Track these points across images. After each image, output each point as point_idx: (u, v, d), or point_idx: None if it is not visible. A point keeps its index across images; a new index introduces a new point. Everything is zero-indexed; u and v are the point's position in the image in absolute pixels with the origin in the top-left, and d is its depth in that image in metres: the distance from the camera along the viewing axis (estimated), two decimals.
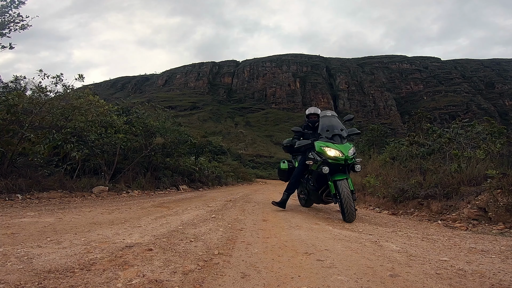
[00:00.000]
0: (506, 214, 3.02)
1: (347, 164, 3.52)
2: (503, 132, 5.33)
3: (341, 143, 3.61)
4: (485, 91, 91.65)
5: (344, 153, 3.47)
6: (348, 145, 3.62)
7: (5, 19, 5.04)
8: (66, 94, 5.40)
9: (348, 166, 3.54)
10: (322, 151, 3.56)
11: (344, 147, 3.55)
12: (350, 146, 3.60)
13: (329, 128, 3.74)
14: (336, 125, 3.79)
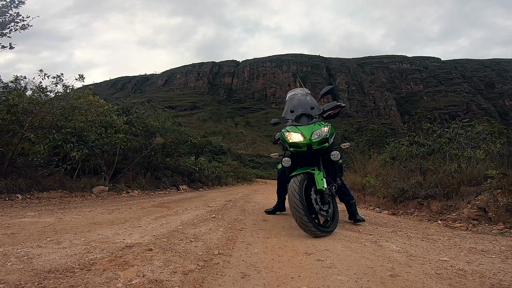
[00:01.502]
0: (506, 214, 3.02)
1: (318, 151, 2.58)
2: (503, 132, 5.33)
3: (308, 124, 2.69)
4: (485, 91, 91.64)
5: (306, 135, 2.53)
6: (316, 125, 2.62)
7: (6, 19, 5.04)
8: (66, 94, 5.40)
9: (319, 154, 2.60)
10: (284, 139, 2.70)
11: (307, 128, 2.60)
12: (319, 126, 2.60)
13: (294, 109, 2.88)
14: (304, 103, 2.88)
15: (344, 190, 3.18)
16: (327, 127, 2.61)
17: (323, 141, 2.56)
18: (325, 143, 2.57)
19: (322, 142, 2.56)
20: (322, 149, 2.58)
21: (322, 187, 2.39)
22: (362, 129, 21.26)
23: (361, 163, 8.56)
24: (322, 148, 2.57)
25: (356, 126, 23.53)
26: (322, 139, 2.55)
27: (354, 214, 3.22)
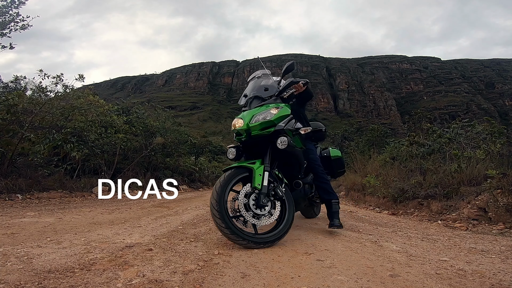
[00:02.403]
0: (506, 214, 3.02)
1: (265, 139, 2.13)
2: (503, 132, 5.33)
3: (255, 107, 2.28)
4: (485, 91, 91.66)
5: (245, 120, 2.15)
6: (263, 107, 2.21)
7: (6, 19, 5.04)
8: (66, 94, 5.40)
9: (267, 143, 2.14)
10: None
11: (251, 112, 2.21)
12: (265, 109, 2.18)
13: (248, 92, 2.51)
14: (257, 85, 2.48)
15: (326, 188, 2.58)
16: (276, 108, 2.17)
17: (267, 126, 2.10)
18: (270, 128, 2.11)
19: (266, 127, 2.10)
20: (265, 135, 2.12)
21: (257, 184, 1.95)
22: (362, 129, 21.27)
23: (361, 163, 8.56)
24: (265, 135, 2.12)
25: (356, 126, 23.53)
26: (264, 123, 2.10)
27: (332, 217, 2.55)
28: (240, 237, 1.82)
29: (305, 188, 2.50)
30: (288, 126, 2.19)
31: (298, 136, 2.32)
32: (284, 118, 2.18)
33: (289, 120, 2.22)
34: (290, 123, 2.22)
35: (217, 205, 1.83)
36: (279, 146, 2.04)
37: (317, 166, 2.59)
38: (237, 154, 2.27)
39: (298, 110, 2.56)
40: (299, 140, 2.32)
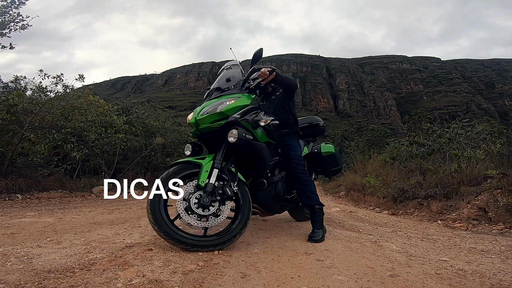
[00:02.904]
0: (506, 214, 3.02)
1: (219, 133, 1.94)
2: (503, 132, 5.33)
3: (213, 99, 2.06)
4: (485, 91, 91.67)
5: (194, 114, 2.00)
6: (221, 99, 2.01)
7: (6, 19, 5.04)
8: (66, 94, 5.40)
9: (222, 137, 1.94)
10: None
11: (205, 104, 2.04)
12: (220, 99, 1.99)
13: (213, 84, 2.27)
14: (221, 76, 2.28)
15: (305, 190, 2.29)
16: (232, 99, 1.98)
17: (218, 118, 1.92)
18: (221, 121, 1.92)
19: (217, 120, 1.92)
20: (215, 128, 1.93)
21: (201, 182, 1.77)
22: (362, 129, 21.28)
23: (361, 163, 8.57)
24: (215, 128, 1.93)
25: (356, 126, 23.54)
26: (215, 116, 1.91)
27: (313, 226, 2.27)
28: (180, 241, 1.68)
29: (277, 187, 2.18)
30: (245, 117, 1.98)
31: (264, 129, 2.07)
32: (240, 109, 1.98)
33: (247, 111, 2.01)
34: (250, 115, 2.01)
35: (150, 206, 1.69)
36: (229, 140, 1.85)
37: (295, 165, 2.30)
38: (194, 150, 2.08)
39: (284, 102, 2.42)
40: (263, 134, 2.07)
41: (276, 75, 2.18)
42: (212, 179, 1.79)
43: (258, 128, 2.05)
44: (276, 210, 2.40)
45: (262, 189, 2.13)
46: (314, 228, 2.27)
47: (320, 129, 3.04)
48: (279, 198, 2.21)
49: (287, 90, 2.43)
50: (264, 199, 2.16)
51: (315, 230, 2.25)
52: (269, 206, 2.25)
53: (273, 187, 2.17)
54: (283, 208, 2.51)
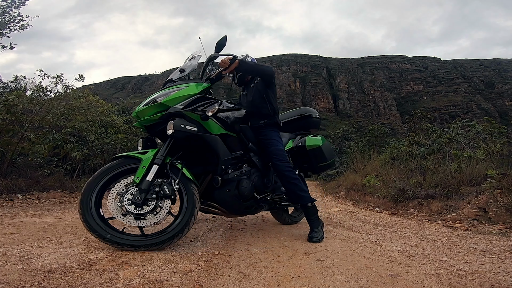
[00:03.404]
0: (506, 214, 3.02)
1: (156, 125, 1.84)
2: (503, 132, 5.34)
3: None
4: (485, 91, 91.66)
5: (138, 106, 1.91)
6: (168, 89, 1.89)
7: (5, 19, 5.04)
8: (66, 94, 5.40)
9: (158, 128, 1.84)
10: None
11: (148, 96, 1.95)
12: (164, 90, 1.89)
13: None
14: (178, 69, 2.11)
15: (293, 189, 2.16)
16: (177, 89, 1.86)
17: (159, 110, 1.79)
18: (162, 113, 1.79)
19: (158, 111, 1.80)
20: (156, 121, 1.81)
21: (137, 178, 1.66)
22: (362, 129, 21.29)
23: (361, 163, 8.57)
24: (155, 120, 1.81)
25: (356, 126, 23.55)
26: (155, 107, 1.79)
27: (311, 225, 2.22)
28: (112, 241, 1.60)
29: (241, 186, 1.95)
30: (192, 108, 1.83)
31: (218, 119, 1.91)
32: (184, 99, 1.83)
33: (194, 101, 1.85)
34: (199, 105, 1.85)
35: (80, 203, 1.61)
36: (167, 133, 1.71)
37: (278, 162, 2.12)
38: (145, 146, 1.94)
39: (262, 91, 2.28)
40: (217, 125, 1.89)
41: (239, 63, 2.03)
42: (150, 175, 1.67)
43: (209, 119, 1.86)
44: (243, 211, 2.11)
45: (218, 187, 1.91)
46: (312, 228, 2.18)
47: (313, 121, 2.81)
48: (243, 198, 1.98)
49: (263, 78, 2.30)
50: (222, 198, 1.94)
51: (313, 229, 2.17)
52: (230, 207, 2.00)
53: (233, 186, 1.94)
54: (253, 209, 2.20)
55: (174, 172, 1.75)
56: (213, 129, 1.88)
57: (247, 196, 2.00)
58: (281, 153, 2.18)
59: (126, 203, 1.64)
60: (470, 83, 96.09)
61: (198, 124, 1.81)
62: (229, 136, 1.97)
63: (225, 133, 1.93)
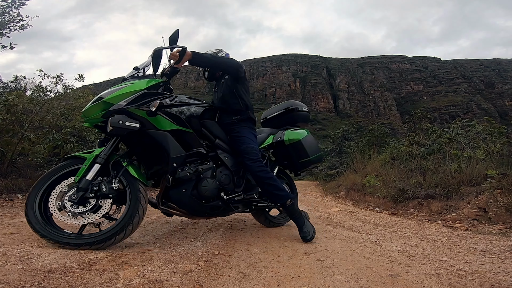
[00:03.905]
0: (506, 214, 3.02)
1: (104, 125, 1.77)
2: (503, 132, 5.34)
3: None
4: (485, 91, 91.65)
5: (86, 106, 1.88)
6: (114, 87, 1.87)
7: (5, 19, 5.04)
8: (66, 94, 5.40)
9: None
10: None
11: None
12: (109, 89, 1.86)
13: None
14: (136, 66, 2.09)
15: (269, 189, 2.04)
16: (123, 86, 1.82)
17: (104, 108, 1.74)
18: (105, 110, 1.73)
19: (103, 110, 1.74)
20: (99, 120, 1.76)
21: (76, 177, 1.66)
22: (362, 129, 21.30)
23: (361, 163, 8.57)
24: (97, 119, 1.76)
25: (356, 126, 23.53)
26: (99, 105, 1.74)
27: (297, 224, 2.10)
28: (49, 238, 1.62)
29: (200, 185, 1.88)
30: (135, 104, 1.76)
31: (169, 115, 1.84)
32: (129, 96, 1.77)
33: (140, 97, 1.79)
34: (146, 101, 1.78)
35: (25, 204, 1.64)
36: (107, 130, 1.68)
37: (249, 162, 2.01)
38: (102, 146, 1.83)
39: (232, 86, 2.21)
40: (168, 121, 1.82)
41: (192, 55, 1.90)
42: (90, 174, 1.66)
43: (158, 115, 1.78)
44: (206, 212, 1.97)
45: (173, 187, 1.85)
46: (299, 226, 2.06)
47: (300, 115, 2.64)
48: (204, 198, 1.89)
49: (226, 71, 2.23)
50: (177, 198, 1.85)
51: (302, 228, 2.05)
52: (188, 208, 1.89)
53: (191, 185, 1.85)
54: (221, 211, 2.05)
55: (116, 170, 1.73)
56: (163, 125, 1.80)
57: (208, 197, 1.90)
58: (252, 151, 2.05)
59: (66, 202, 1.64)
60: (470, 83, 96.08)
61: (144, 120, 1.75)
62: (184, 132, 1.87)
63: (177, 129, 1.84)
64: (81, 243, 1.61)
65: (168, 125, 1.81)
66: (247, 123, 2.20)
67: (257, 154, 2.09)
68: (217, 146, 2.07)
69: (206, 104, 2.09)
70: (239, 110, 2.19)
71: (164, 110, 1.82)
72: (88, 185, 1.65)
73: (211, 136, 2.06)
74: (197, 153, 1.92)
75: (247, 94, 2.27)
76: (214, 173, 1.96)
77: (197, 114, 1.96)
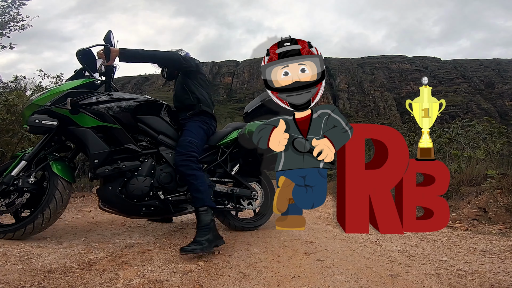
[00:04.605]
0: (506, 214, 3.02)
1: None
2: (503, 132, 5.34)
3: None
4: (485, 91, 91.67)
5: None
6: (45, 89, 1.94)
7: (5, 19, 5.04)
8: None
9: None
10: None
11: None
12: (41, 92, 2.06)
13: None
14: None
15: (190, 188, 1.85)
16: (53, 87, 1.97)
17: (34, 109, 1.82)
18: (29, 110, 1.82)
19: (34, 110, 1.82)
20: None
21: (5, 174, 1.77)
22: None
23: None
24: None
25: None
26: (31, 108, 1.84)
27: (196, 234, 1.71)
28: None
29: (129, 184, 1.84)
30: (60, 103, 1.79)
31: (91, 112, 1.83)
32: (54, 96, 1.83)
33: (61, 97, 1.81)
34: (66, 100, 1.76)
35: None
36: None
37: (176, 154, 1.88)
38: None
39: (183, 82, 2.17)
40: (90, 118, 1.82)
41: (120, 52, 1.85)
42: (16, 170, 1.76)
43: (81, 113, 1.80)
44: (141, 212, 1.89)
45: (100, 185, 1.88)
46: (195, 237, 1.69)
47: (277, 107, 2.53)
48: (135, 197, 1.84)
49: (165, 65, 2.21)
50: (103, 196, 1.85)
51: (195, 238, 1.67)
52: (119, 206, 1.87)
53: (117, 183, 1.83)
54: (158, 211, 1.95)
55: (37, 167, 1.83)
56: (86, 122, 1.81)
57: (139, 195, 1.84)
58: (184, 143, 1.90)
59: None
60: (470, 83, 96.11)
61: (67, 118, 1.79)
62: (110, 128, 1.84)
63: (102, 125, 1.82)
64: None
65: (91, 121, 1.82)
66: (199, 117, 2.09)
67: (190, 147, 1.90)
68: (161, 142, 1.99)
69: (143, 99, 2.03)
70: (191, 105, 2.11)
71: (89, 108, 1.82)
72: (10, 179, 1.73)
73: (152, 131, 2.00)
74: (125, 150, 1.88)
75: (201, 88, 2.17)
76: (152, 171, 1.91)
77: (129, 109, 1.91)
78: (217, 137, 2.22)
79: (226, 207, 2.20)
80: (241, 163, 2.31)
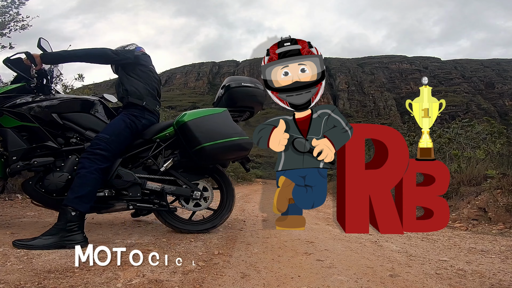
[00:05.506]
0: (506, 214, 3.02)
1: None
2: (503, 132, 5.34)
3: None
4: (485, 91, 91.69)
5: None
6: None
7: (5, 19, 5.04)
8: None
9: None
10: None
11: None
12: None
13: None
14: None
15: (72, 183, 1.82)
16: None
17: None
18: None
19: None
20: None
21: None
22: None
23: None
24: None
25: None
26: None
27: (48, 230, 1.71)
28: None
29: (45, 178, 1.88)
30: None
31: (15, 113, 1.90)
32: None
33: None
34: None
35: None
36: None
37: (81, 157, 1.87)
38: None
39: (118, 76, 2.18)
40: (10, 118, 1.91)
41: (41, 57, 1.93)
42: None
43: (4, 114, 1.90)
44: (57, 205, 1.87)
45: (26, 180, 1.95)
46: (44, 232, 1.68)
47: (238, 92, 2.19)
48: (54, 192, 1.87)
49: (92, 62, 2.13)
50: (25, 190, 1.96)
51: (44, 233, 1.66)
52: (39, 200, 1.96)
53: (36, 178, 1.90)
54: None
55: None
56: (7, 123, 1.92)
57: (56, 190, 1.88)
58: (93, 141, 1.89)
59: None
60: (470, 83, 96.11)
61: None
62: (29, 127, 1.93)
63: (22, 125, 1.92)
64: None
65: (12, 122, 1.92)
66: (128, 110, 2.04)
67: (97, 144, 1.87)
68: (88, 138, 1.99)
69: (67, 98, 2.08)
70: (122, 98, 2.11)
71: (11, 110, 1.92)
72: None
73: (78, 128, 2.01)
74: (44, 147, 1.95)
75: (136, 79, 2.10)
76: (74, 167, 1.90)
77: (50, 107, 1.97)
78: (154, 130, 2.11)
79: (155, 207, 2.07)
80: (179, 158, 2.10)
